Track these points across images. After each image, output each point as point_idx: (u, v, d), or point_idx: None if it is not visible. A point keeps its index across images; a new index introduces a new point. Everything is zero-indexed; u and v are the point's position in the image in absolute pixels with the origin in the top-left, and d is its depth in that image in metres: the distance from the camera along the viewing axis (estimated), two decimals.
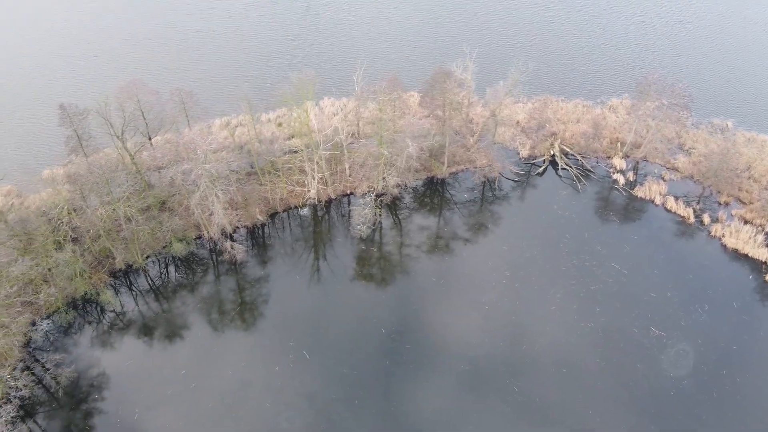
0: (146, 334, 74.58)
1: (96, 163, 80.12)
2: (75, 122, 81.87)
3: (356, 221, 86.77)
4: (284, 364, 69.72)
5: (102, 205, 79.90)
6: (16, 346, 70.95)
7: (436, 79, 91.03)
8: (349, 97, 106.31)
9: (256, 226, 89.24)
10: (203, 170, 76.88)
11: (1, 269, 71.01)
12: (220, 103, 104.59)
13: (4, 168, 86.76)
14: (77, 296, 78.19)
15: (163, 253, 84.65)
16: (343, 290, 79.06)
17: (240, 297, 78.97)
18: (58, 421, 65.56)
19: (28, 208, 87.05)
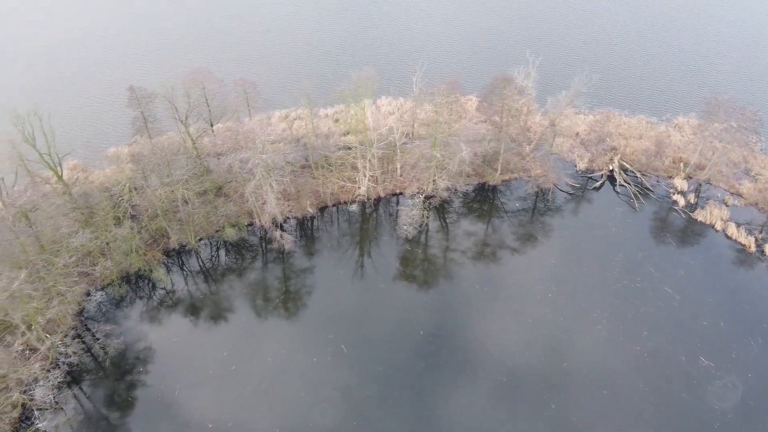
0: (193, 313, 76.99)
1: (159, 145, 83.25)
2: (142, 104, 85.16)
3: (403, 221, 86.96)
4: (322, 357, 70.62)
5: (162, 186, 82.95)
6: (70, 314, 74.56)
7: (496, 84, 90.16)
8: (407, 98, 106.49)
9: (306, 218, 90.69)
10: (260, 160, 78.69)
11: (63, 239, 74.67)
12: (281, 96, 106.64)
13: (72, 143, 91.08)
14: (131, 271, 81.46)
15: (216, 237, 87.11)
16: (385, 289, 79.40)
17: (285, 286, 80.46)
18: (102, 390, 68.53)
19: (92, 183, 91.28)
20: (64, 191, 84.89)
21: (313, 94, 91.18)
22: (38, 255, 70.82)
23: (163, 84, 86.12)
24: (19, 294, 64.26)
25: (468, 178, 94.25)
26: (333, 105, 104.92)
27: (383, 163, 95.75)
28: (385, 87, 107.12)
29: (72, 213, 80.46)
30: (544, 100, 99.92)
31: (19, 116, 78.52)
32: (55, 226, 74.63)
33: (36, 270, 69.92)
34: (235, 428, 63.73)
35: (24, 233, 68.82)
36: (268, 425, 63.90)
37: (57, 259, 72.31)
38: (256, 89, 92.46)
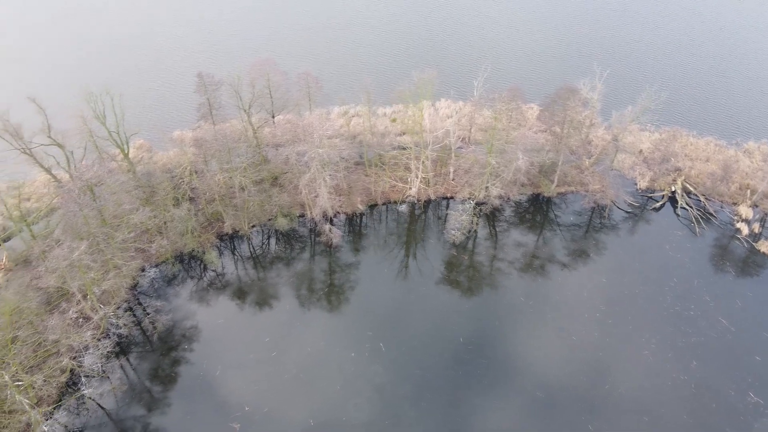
0: (240, 297, 79.06)
1: (221, 131, 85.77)
2: (209, 91, 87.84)
3: (452, 226, 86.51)
4: (360, 352, 71.19)
5: (221, 172, 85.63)
6: (124, 288, 77.93)
7: (559, 94, 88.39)
8: (466, 102, 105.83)
9: (355, 215, 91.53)
10: (316, 154, 79.95)
11: (123, 215, 78.04)
12: (342, 93, 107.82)
13: (140, 124, 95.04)
14: (185, 251, 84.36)
15: (268, 225, 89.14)
16: (427, 291, 79.24)
17: (330, 279, 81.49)
18: (147, 363, 71.33)
19: (156, 163, 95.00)
20: (128, 169, 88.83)
21: (373, 93, 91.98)
22: (99, 228, 74.25)
23: (230, 73, 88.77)
24: (78, 264, 67.57)
25: (522, 188, 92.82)
26: (392, 104, 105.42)
27: (436, 165, 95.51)
28: (445, 89, 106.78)
29: (134, 191, 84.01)
30: (609, 114, 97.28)
31: (92, 94, 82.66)
32: (117, 201, 78.05)
33: (96, 242, 73.37)
34: (271, 414, 65.09)
35: (88, 206, 72.28)
36: (302, 414, 64.96)
37: (117, 233, 75.68)
38: (318, 84, 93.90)
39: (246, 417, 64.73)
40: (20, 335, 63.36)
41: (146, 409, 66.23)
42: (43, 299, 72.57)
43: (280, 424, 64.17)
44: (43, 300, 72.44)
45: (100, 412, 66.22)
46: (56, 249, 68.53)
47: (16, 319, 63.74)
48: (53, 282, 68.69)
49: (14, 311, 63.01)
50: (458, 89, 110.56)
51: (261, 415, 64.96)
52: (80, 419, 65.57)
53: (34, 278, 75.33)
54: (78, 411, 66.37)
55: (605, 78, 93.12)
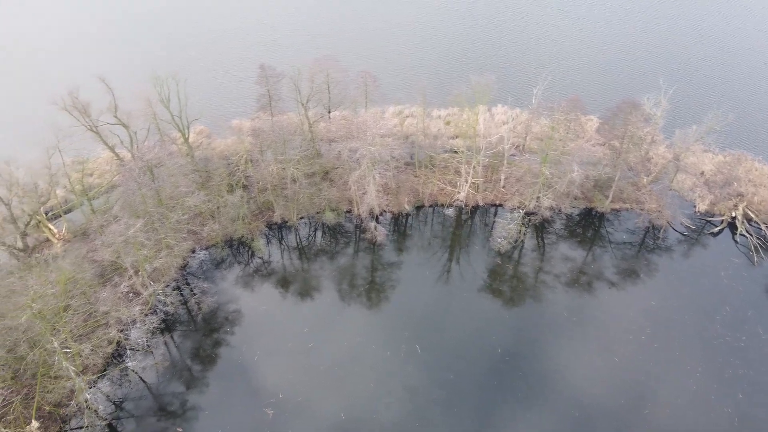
0: (283, 286, 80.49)
1: (279, 123, 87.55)
2: (270, 83, 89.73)
3: (498, 234, 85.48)
4: (396, 352, 71.30)
5: (275, 163, 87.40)
6: (174, 267, 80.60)
7: (621, 108, 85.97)
8: (524, 109, 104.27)
9: (401, 214, 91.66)
10: (368, 151, 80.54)
11: (179, 197, 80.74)
12: (398, 93, 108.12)
13: (202, 110, 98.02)
14: (234, 237, 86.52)
15: (315, 218, 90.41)
16: (468, 298, 78.59)
17: (371, 276, 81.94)
18: (190, 342, 73.54)
19: (214, 149, 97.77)
20: (187, 153, 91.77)
21: (429, 94, 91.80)
22: (156, 208, 77.06)
23: (291, 67, 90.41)
24: (133, 240, 70.30)
25: (575, 201, 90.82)
26: (447, 107, 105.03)
27: (487, 171, 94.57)
28: (503, 95, 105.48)
29: (191, 174, 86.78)
30: (672, 132, 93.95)
31: (158, 78, 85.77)
32: (174, 183, 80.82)
33: (151, 221, 76.18)
34: (304, 404, 66.00)
35: (146, 186, 75.10)
36: (334, 407, 65.59)
37: (171, 214, 78.35)
38: (376, 83, 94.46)
39: (279, 404, 65.87)
40: (73, 304, 66.34)
41: (185, 386, 68.32)
42: (97, 272, 75.80)
43: (311, 414, 65.00)
44: (97, 272, 75.67)
45: (141, 385, 68.74)
46: (113, 225, 71.53)
47: (71, 289, 66.77)
48: (108, 256, 71.69)
49: (69, 281, 66.05)
50: (516, 96, 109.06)
51: (294, 404, 65.97)
52: (122, 390, 68.25)
53: (91, 251, 78.80)
54: (120, 382, 69.11)
55: (671, 95, 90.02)
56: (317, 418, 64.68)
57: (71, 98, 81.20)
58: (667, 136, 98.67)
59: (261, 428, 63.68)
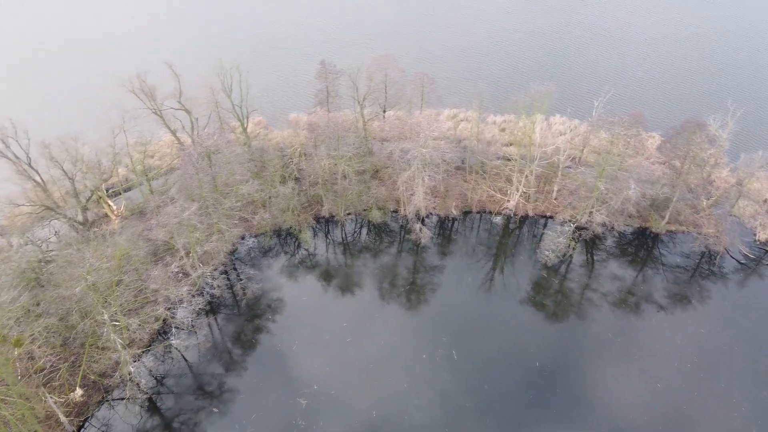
0: (326, 279, 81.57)
1: (334, 119, 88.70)
2: (329, 79, 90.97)
3: (546, 246, 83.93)
4: (432, 355, 71.12)
5: (327, 158, 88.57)
6: (224, 252, 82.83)
7: (685, 127, 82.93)
8: (583, 121, 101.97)
9: (448, 218, 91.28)
10: (419, 153, 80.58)
11: (234, 185, 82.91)
12: (455, 96, 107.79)
13: (261, 101, 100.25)
14: (283, 227, 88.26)
15: (362, 215, 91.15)
16: (510, 308, 77.55)
17: (413, 277, 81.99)
18: (232, 326, 75.50)
19: (270, 141, 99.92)
20: (244, 142, 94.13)
21: (486, 100, 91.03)
22: (211, 193, 79.39)
23: (351, 64, 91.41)
24: (186, 223, 72.65)
25: (629, 219, 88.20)
26: (503, 113, 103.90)
27: (540, 182, 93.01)
28: (562, 106, 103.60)
29: (247, 163, 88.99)
30: (737, 156, 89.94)
31: (223, 68, 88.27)
32: (230, 171, 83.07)
33: (206, 206, 78.56)
34: (337, 397, 66.71)
35: (204, 171, 77.40)
36: (366, 404, 66.03)
37: (225, 200, 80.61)
38: (433, 85, 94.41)
39: (313, 395, 66.81)
40: (125, 280, 69.05)
41: (224, 368, 70.19)
42: (150, 250, 78.69)
43: (343, 408, 65.63)
44: (150, 251, 78.55)
45: (182, 363, 71.04)
46: (169, 206, 74.13)
47: (124, 264, 69.50)
48: (162, 236, 74.37)
49: (123, 257, 68.77)
50: (576, 107, 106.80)
51: (327, 396, 66.77)
52: (164, 366, 70.72)
53: (146, 229, 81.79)
54: (163, 359, 71.62)
55: (738, 117, 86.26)
56: (349, 412, 65.26)
57: (139, 81, 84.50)
58: (731, 160, 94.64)
59: (293, 417, 64.75)
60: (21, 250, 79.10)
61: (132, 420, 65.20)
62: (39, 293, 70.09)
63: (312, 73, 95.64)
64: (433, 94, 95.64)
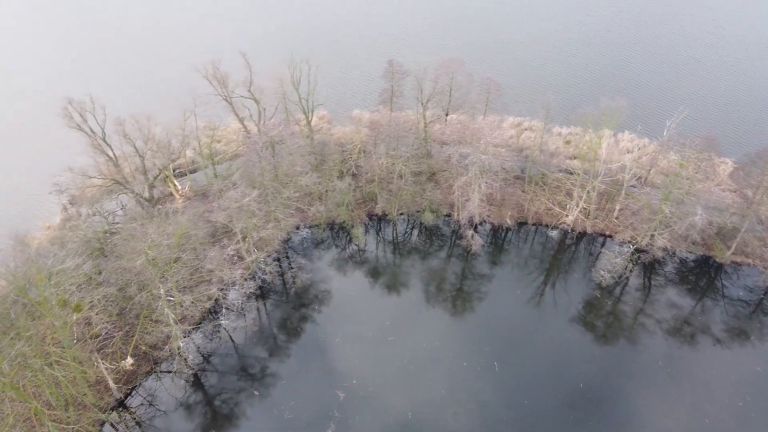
0: (373, 276, 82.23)
1: (396, 119, 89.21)
2: (395, 79, 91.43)
3: (602, 266, 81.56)
4: (473, 364, 70.52)
5: (386, 157, 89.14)
6: (278, 239, 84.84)
7: (761, 156, 78.69)
8: (652, 140, 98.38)
9: (501, 228, 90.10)
10: (479, 159, 79.92)
11: (294, 176, 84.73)
12: (520, 104, 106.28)
13: (327, 96, 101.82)
14: (336, 221, 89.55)
15: (414, 216, 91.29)
16: (558, 325, 75.87)
17: (460, 283, 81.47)
18: (279, 312, 77.25)
19: (332, 135, 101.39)
20: (308, 135, 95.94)
21: (552, 110, 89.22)
22: (271, 182, 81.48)
23: (418, 65, 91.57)
24: (246, 208, 74.83)
25: (692, 246, 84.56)
26: (570, 125, 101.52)
27: (602, 199, 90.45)
28: (632, 123, 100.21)
29: (308, 156, 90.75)
30: None
31: (293, 61, 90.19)
32: (291, 162, 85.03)
33: (265, 194, 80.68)
34: (374, 394, 67.19)
35: (266, 160, 79.55)
36: (402, 404, 66.18)
37: (284, 190, 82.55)
38: (499, 91, 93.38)
39: (351, 389, 67.53)
40: (183, 258, 71.84)
41: (268, 353, 71.94)
42: (209, 231, 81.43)
43: (380, 406, 66.03)
44: (209, 232, 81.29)
45: (229, 344, 73.28)
46: (231, 191, 76.58)
47: (183, 243, 72.30)
48: (221, 219, 76.90)
49: (184, 235, 71.52)
50: (646, 125, 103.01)
51: (365, 392, 67.34)
52: (211, 345, 73.14)
53: (207, 211, 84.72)
54: (211, 337, 74.05)
55: None
56: (385, 411, 65.60)
57: (213, 68, 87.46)
58: None
59: (330, 408, 65.67)
60: (89, 220, 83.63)
61: (177, 393, 67.81)
62: (101, 263, 73.81)
63: (379, 72, 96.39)
64: (499, 100, 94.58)
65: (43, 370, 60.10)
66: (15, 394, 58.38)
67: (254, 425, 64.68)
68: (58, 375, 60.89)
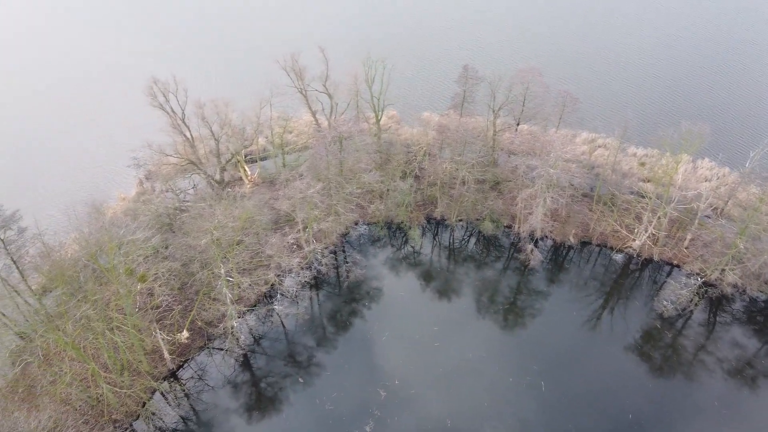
0: (426, 279, 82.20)
1: (465, 125, 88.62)
2: (468, 84, 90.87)
3: (666, 296, 78.19)
4: (518, 380, 69.31)
5: (450, 161, 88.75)
6: (337, 233, 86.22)
7: None
8: (733, 171, 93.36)
9: (563, 245, 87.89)
10: (546, 172, 78.24)
11: (358, 172, 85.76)
12: (596, 120, 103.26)
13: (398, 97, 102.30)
14: (395, 221, 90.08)
15: (473, 224, 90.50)
16: (612, 352, 73.33)
17: (514, 297, 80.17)
18: (331, 304, 78.55)
19: (399, 136, 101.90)
20: (375, 133, 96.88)
21: (629, 129, 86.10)
22: (335, 176, 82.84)
23: (493, 71, 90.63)
24: (309, 200, 76.46)
25: (764, 285, 79.77)
26: (646, 147, 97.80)
27: (672, 226, 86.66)
28: (713, 150, 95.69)
29: (373, 154, 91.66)
30: None
31: (369, 59, 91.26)
32: (357, 158, 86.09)
33: (328, 187, 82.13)
34: (415, 397, 67.20)
35: (333, 155, 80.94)
36: (442, 411, 65.87)
37: (347, 185, 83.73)
38: (575, 105, 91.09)
39: (393, 390, 67.84)
40: (245, 241, 74.24)
41: (316, 342, 73.33)
42: (272, 218, 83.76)
43: (420, 410, 66.01)
44: (272, 219, 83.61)
45: (280, 329, 75.19)
46: (297, 181, 78.39)
47: (247, 227, 74.65)
48: (285, 207, 78.93)
49: (248, 219, 73.75)
50: (728, 154, 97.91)
51: (406, 394, 67.48)
52: (263, 328, 75.27)
53: (272, 198, 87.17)
54: (264, 320, 76.21)
55: None
56: (424, 415, 65.52)
57: (292, 60, 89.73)
58: None
59: (371, 405, 66.22)
60: (161, 195, 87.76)
61: (226, 370, 70.24)
62: (169, 238, 77.31)
63: (452, 76, 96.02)
64: (574, 114, 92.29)
65: (104, 333, 63.58)
66: (75, 353, 62.08)
67: (296, 411, 66.13)
68: (117, 340, 64.28)
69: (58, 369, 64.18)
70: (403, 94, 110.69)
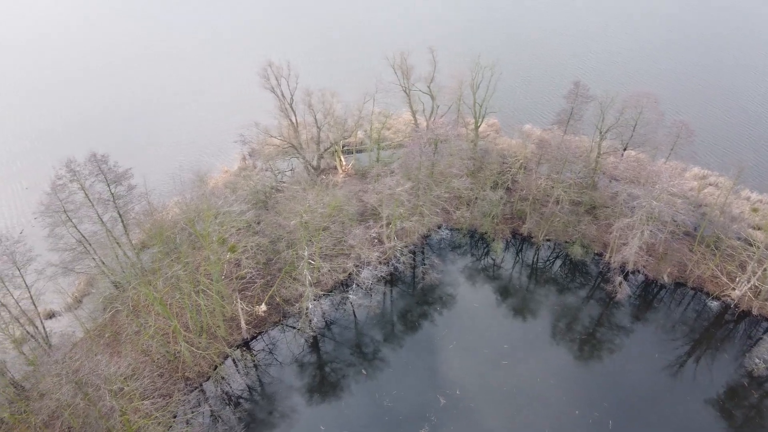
0: (502, 294, 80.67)
1: (567, 142, 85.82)
2: (578, 101, 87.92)
3: (759, 353, 72.08)
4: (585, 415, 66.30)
5: (547, 178, 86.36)
6: (419, 233, 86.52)
7: None
8: None
9: (656, 283, 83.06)
10: (649, 204, 74.27)
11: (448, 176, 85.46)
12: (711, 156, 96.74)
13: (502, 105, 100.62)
14: (478, 231, 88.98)
15: (562, 246, 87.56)
16: (690, 404, 68.42)
17: (594, 329, 76.85)
18: (403, 303, 78.99)
19: (496, 145, 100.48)
20: (472, 140, 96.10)
21: (746, 171, 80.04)
22: (425, 177, 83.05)
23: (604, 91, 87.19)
24: (396, 197, 77.20)
25: None
26: (762, 192, 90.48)
27: None
28: None
29: (467, 160, 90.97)
30: None
31: (478, 65, 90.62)
32: (449, 162, 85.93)
33: (417, 187, 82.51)
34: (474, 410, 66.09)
35: (426, 156, 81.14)
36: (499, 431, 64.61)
37: (435, 188, 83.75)
38: (690, 137, 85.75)
39: (453, 398, 67.22)
40: (331, 228, 76.29)
41: (383, 337, 74.09)
42: (359, 210, 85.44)
43: (477, 424, 64.92)
44: (359, 211, 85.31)
45: (351, 318, 76.62)
46: (387, 178, 79.40)
47: (335, 215, 76.68)
48: (372, 201, 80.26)
49: (337, 208, 75.79)
50: None
51: (465, 406, 66.63)
52: (335, 314, 77.03)
53: (362, 191, 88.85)
54: (337, 307, 77.95)
55: None
56: (480, 430, 64.45)
57: (401, 58, 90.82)
58: None
59: (429, 409, 66.02)
60: (261, 173, 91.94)
61: (295, 349, 72.61)
62: (262, 214, 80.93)
63: (561, 91, 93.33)
64: (687, 147, 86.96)
65: (190, 295, 67.66)
66: (161, 309, 66.44)
67: (355, 401, 67.19)
68: (201, 303, 68.18)
69: (144, 321, 68.94)
70: (506, 104, 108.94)
